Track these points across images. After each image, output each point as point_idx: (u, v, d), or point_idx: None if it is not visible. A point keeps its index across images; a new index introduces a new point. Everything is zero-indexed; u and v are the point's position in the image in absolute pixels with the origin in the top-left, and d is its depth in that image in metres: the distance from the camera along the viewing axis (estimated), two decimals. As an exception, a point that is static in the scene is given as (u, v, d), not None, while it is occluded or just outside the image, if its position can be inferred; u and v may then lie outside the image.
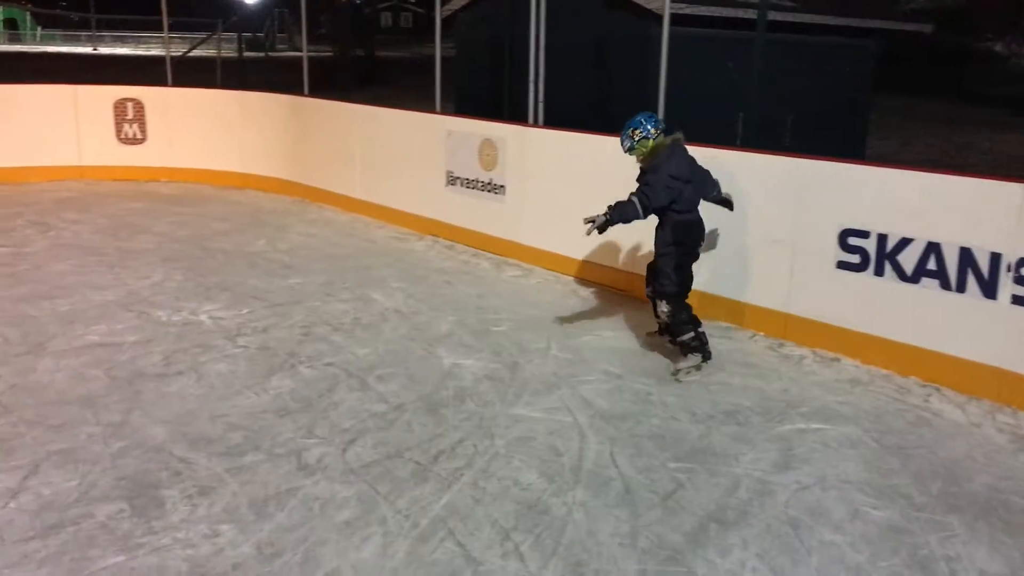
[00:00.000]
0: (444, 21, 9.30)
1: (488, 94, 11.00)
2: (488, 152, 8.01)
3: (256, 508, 3.71)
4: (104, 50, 39.49)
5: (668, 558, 3.43)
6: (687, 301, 5.40)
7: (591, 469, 4.12)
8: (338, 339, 5.80)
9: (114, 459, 4.11)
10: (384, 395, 4.93)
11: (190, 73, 12.98)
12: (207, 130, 11.54)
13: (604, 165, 7.00)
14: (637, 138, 5.27)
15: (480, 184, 8.16)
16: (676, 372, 5.30)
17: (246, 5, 22.78)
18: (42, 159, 11.34)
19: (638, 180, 5.30)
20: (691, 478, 4.05)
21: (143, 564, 3.31)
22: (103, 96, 11.51)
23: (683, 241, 5.28)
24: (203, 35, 19.22)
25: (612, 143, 6.96)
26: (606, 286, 7.09)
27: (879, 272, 5.39)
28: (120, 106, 11.48)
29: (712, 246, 6.09)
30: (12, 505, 3.69)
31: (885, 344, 5.41)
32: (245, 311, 6.33)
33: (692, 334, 5.32)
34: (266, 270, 7.50)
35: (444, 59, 9.03)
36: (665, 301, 5.36)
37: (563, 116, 7.91)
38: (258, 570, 3.29)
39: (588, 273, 7.26)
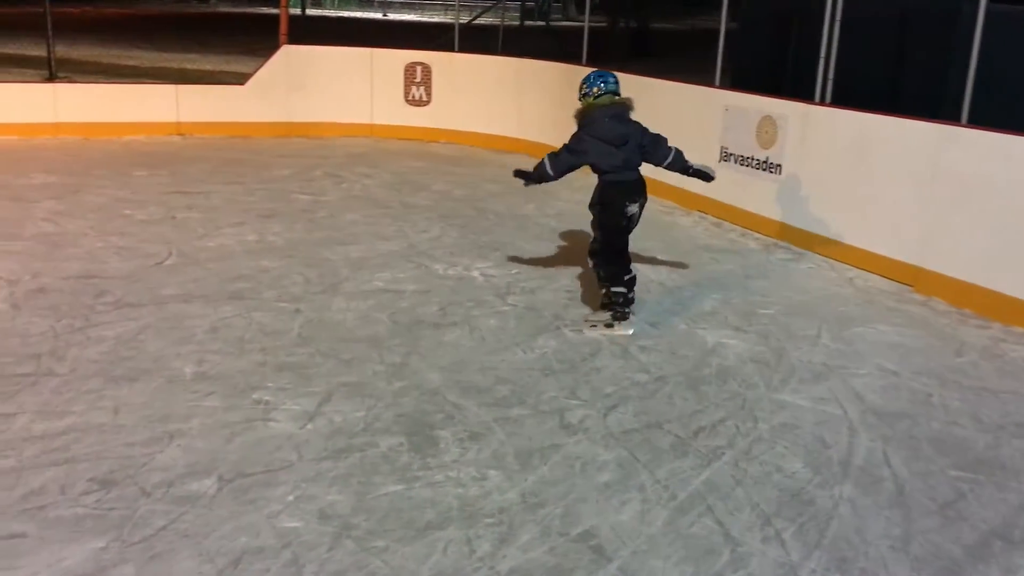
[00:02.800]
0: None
1: (769, 70, 10.62)
2: (767, 129, 7.75)
3: (521, 459, 3.87)
4: (392, 16, 42.01)
5: (944, 569, 3.21)
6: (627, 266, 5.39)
7: (861, 466, 3.93)
8: (602, 306, 5.88)
9: (395, 397, 4.43)
10: (646, 365, 4.96)
11: (472, 40, 13.52)
12: (487, 95, 12.00)
13: (896, 149, 6.57)
14: (580, 94, 5.23)
15: (755, 162, 7.93)
16: (585, 320, 5.49)
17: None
18: (339, 116, 12.30)
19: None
20: (974, 489, 3.76)
21: (419, 495, 3.56)
22: (395, 59, 12.27)
23: (607, 202, 5.29)
24: (488, 4, 19.99)
25: (906, 126, 6.55)
26: (885, 277, 6.67)
27: None
28: (410, 69, 12.20)
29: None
30: (309, 427, 4.09)
31: None
32: (514, 271, 6.57)
33: (604, 291, 5.42)
34: (535, 233, 7.73)
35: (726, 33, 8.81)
36: (589, 256, 5.47)
37: (852, 95, 7.48)
38: (522, 517, 3.43)
39: (865, 262, 6.85)
